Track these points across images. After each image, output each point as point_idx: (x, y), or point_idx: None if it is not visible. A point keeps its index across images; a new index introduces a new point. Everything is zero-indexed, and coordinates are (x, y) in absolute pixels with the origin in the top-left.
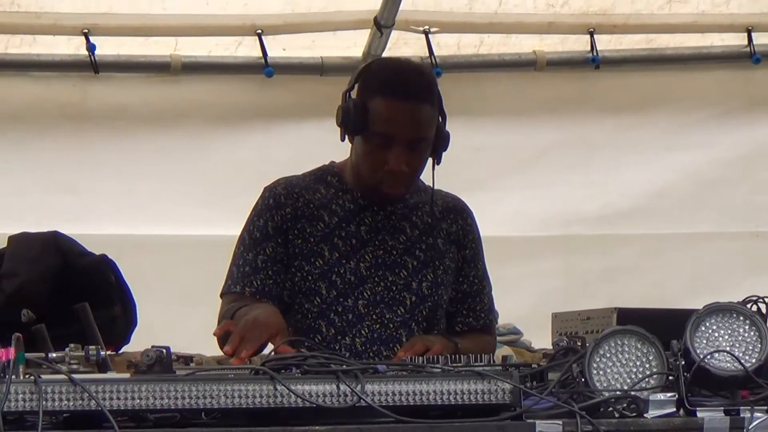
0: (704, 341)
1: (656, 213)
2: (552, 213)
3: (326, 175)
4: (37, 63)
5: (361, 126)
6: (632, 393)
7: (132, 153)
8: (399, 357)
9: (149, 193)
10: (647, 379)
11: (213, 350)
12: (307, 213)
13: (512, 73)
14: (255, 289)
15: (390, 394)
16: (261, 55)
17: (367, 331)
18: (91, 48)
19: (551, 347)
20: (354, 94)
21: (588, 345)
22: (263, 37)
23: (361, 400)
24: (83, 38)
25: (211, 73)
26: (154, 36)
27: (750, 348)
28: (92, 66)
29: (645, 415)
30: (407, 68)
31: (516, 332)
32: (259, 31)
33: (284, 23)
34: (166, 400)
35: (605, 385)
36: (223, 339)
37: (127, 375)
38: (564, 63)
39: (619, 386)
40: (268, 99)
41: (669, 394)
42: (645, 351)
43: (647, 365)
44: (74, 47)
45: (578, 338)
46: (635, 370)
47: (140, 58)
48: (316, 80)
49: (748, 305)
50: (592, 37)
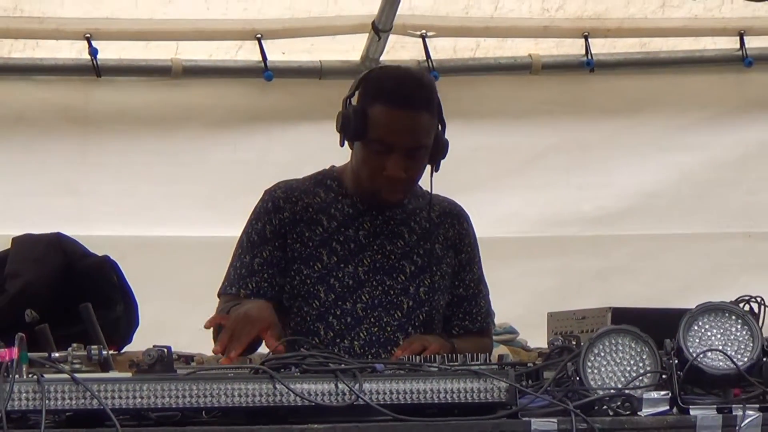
0: (697, 340)
1: (650, 214)
2: (547, 214)
3: (326, 180)
4: (40, 67)
5: (361, 132)
6: (626, 391)
7: (134, 155)
8: (396, 356)
9: (151, 195)
10: (641, 378)
11: None
12: (306, 217)
13: (508, 77)
14: (250, 292)
15: (387, 393)
16: (261, 59)
17: (365, 335)
18: (94, 52)
19: (547, 346)
20: (354, 101)
21: (583, 344)
22: (263, 42)
23: (359, 399)
24: (86, 42)
25: (212, 77)
26: (156, 40)
27: (742, 347)
28: (94, 70)
29: (639, 413)
30: (407, 77)
31: (512, 331)
32: (259, 36)
33: (283, 28)
34: (167, 399)
35: (600, 384)
36: (216, 332)
37: (129, 374)
38: (559, 66)
39: (614, 385)
40: (268, 102)
41: (662, 393)
42: (639, 350)
43: (641, 364)
44: (77, 51)
45: (573, 337)
46: (629, 369)
47: (142, 62)
48: (315, 84)
49: (741, 305)
50: (587, 41)
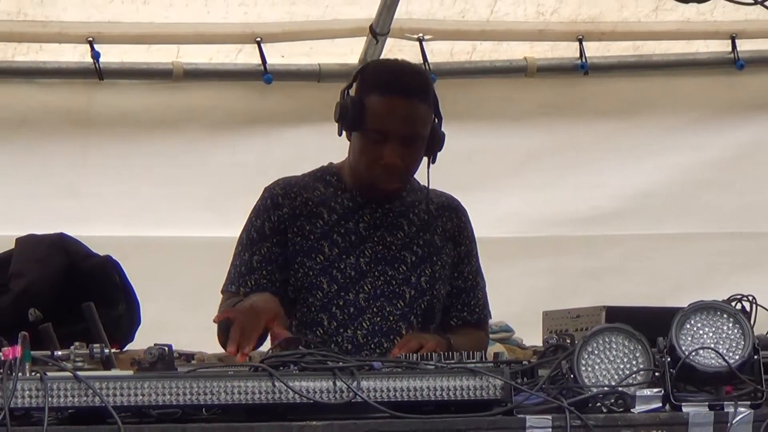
0: (689, 338)
1: (643, 214)
2: (542, 214)
3: (325, 175)
4: (44, 70)
5: (358, 122)
6: (620, 389)
7: (135, 157)
8: (394, 354)
9: (152, 196)
10: (634, 375)
11: (214, 348)
12: (306, 211)
13: (504, 79)
14: (249, 289)
15: (385, 390)
16: (260, 62)
17: (368, 324)
18: (96, 55)
19: (542, 344)
20: (353, 92)
21: (577, 342)
22: (262, 45)
23: (357, 396)
24: (88, 46)
25: (212, 80)
26: (157, 44)
27: (734, 345)
28: (97, 73)
29: (632, 410)
30: (404, 68)
31: (508, 330)
32: (259, 39)
33: (283, 31)
34: (168, 397)
35: (593, 381)
36: (223, 326)
37: (131, 372)
38: (554, 69)
39: (607, 382)
40: (268, 105)
41: (655, 390)
42: (632, 348)
43: (634, 362)
44: (79, 55)
45: (568, 336)
46: (623, 367)
47: (143, 66)
48: (314, 86)
49: (732, 303)
50: (581, 44)
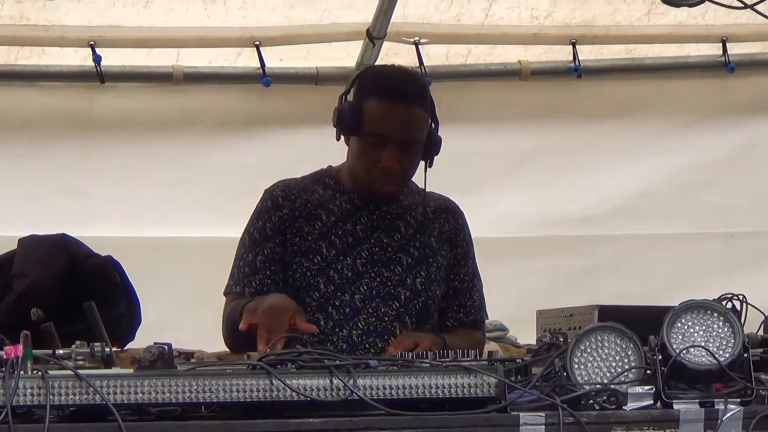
0: (680, 337)
1: (635, 215)
2: (536, 215)
3: (324, 178)
4: (46, 73)
5: (356, 126)
6: (612, 386)
7: (136, 159)
8: (389, 353)
9: (152, 197)
10: (626, 373)
11: (214, 347)
12: (305, 213)
13: (498, 82)
14: (254, 290)
15: (381, 388)
16: (259, 66)
17: (364, 324)
18: (97, 59)
19: (536, 343)
20: (350, 98)
21: (570, 341)
22: (261, 49)
23: (354, 394)
24: (89, 50)
25: (212, 83)
26: (157, 48)
27: (724, 343)
28: (98, 76)
29: (624, 408)
30: (401, 73)
31: (502, 329)
32: (258, 43)
33: (281, 35)
34: (168, 395)
35: (586, 379)
36: (231, 327)
37: (131, 370)
38: (547, 72)
39: (600, 380)
40: (266, 107)
41: (647, 388)
42: (624, 346)
43: (626, 360)
44: (81, 58)
45: (561, 334)
46: (615, 365)
47: (144, 69)
48: (312, 89)
49: (723, 302)
50: (575, 48)
